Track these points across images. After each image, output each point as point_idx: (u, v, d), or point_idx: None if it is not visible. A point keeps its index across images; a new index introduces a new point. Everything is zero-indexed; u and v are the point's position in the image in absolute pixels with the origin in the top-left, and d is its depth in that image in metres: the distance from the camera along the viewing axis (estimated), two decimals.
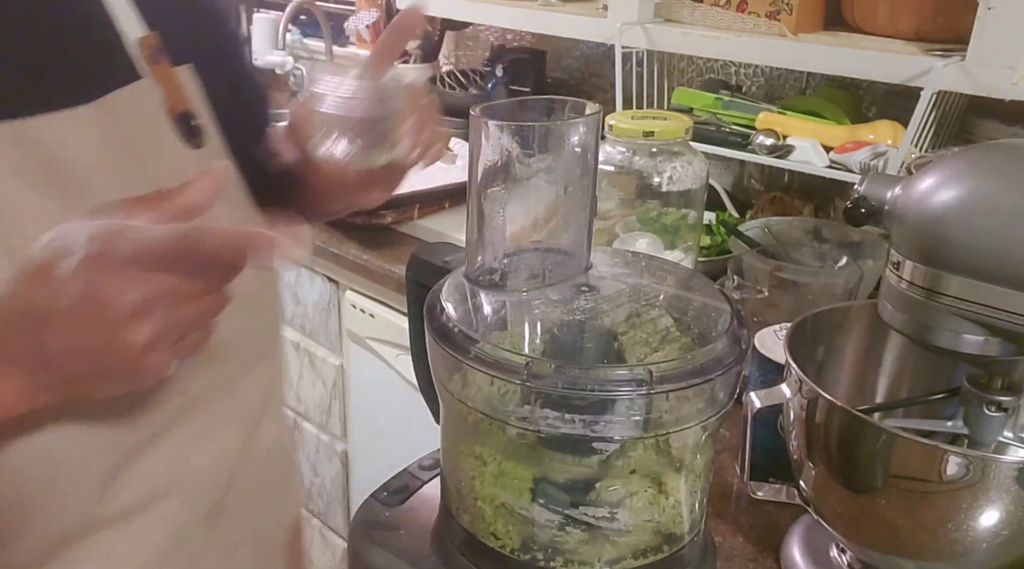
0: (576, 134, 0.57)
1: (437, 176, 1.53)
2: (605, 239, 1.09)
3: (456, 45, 2.06)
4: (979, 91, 1.05)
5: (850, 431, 0.63)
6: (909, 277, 0.59)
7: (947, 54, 1.10)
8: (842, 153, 1.23)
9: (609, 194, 1.10)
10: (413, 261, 0.66)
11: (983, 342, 0.58)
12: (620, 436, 0.54)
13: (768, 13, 1.28)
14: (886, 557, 0.66)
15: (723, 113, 1.39)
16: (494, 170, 0.56)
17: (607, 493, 0.55)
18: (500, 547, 0.58)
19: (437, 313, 0.57)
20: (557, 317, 0.59)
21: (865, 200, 0.62)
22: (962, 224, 0.56)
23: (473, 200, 0.57)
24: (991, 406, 0.64)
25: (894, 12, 1.21)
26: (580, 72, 1.82)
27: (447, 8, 1.62)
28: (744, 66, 1.56)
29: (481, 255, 0.58)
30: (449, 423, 0.61)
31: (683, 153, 1.08)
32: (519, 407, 0.53)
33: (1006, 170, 0.57)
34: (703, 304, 0.63)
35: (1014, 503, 0.58)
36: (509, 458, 0.57)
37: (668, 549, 0.59)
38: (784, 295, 1.02)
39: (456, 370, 0.57)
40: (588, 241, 0.60)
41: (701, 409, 0.55)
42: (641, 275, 0.65)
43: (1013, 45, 1.01)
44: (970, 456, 0.58)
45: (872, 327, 0.76)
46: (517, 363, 0.52)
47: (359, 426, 1.59)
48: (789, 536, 0.77)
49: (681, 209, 1.09)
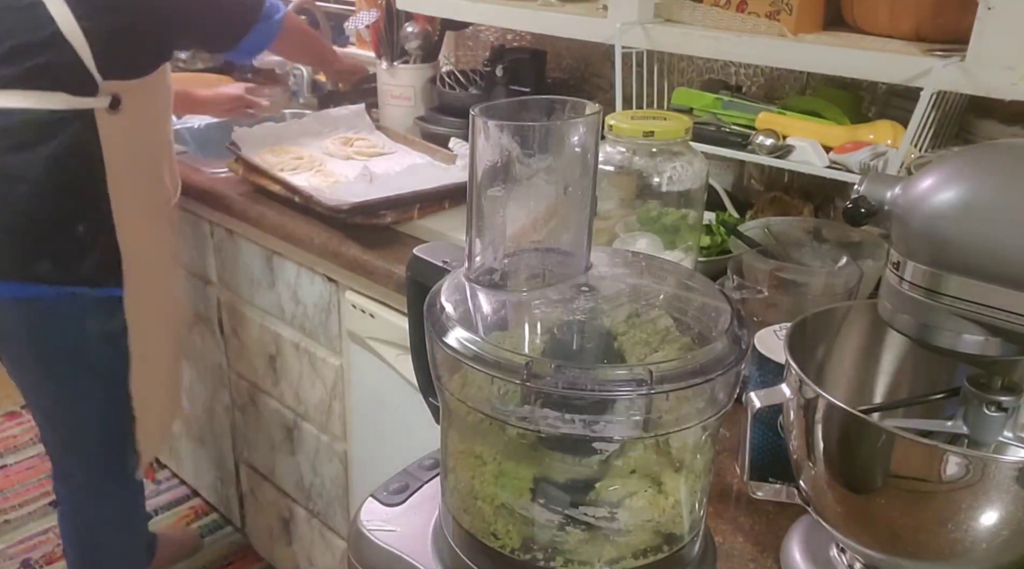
0: (576, 134, 0.57)
1: (437, 176, 1.54)
2: (605, 239, 1.09)
3: (456, 45, 2.06)
4: (979, 91, 1.05)
5: (850, 431, 0.63)
6: (909, 277, 0.59)
7: (947, 54, 1.10)
8: (842, 153, 1.23)
9: (609, 194, 1.10)
10: (413, 261, 0.66)
11: (983, 342, 0.58)
12: (620, 436, 0.54)
13: (768, 13, 1.27)
14: (886, 557, 0.66)
15: (723, 113, 1.39)
16: (494, 170, 0.56)
17: (607, 493, 0.55)
18: (500, 547, 0.58)
19: (437, 313, 0.57)
20: (557, 317, 0.59)
21: (865, 200, 0.62)
22: (962, 224, 0.56)
23: (473, 200, 0.57)
24: (991, 406, 0.64)
25: (894, 12, 1.21)
26: (580, 72, 1.82)
27: (447, 8, 1.62)
28: (744, 66, 1.56)
29: (481, 255, 0.58)
30: (449, 423, 0.61)
31: (683, 153, 1.08)
32: (519, 407, 0.53)
33: (1006, 170, 0.57)
34: (703, 304, 0.63)
35: (1014, 503, 0.58)
36: (509, 458, 0.56)
37: (668, 549, 0.58)
38: (784, 295, 1.02)
39: (456, 370, 0.57)
40: (588, 241, 0.60)
41: (701, 409, 0.55)
42: (641, 275, 0.65)
43: (1013, 45, 1.01)
44: (970, 456, 0.58)
45: (872, 327, 0.76)
46: (517, 363, 0.52)
47: (359, 426, 1.59)
48: (789, 536, 0.77)
49: (681, 209, 1.09)
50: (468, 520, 0.59)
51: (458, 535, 0.61)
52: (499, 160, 0.56)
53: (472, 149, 0.56)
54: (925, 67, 1.09)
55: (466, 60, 2.06)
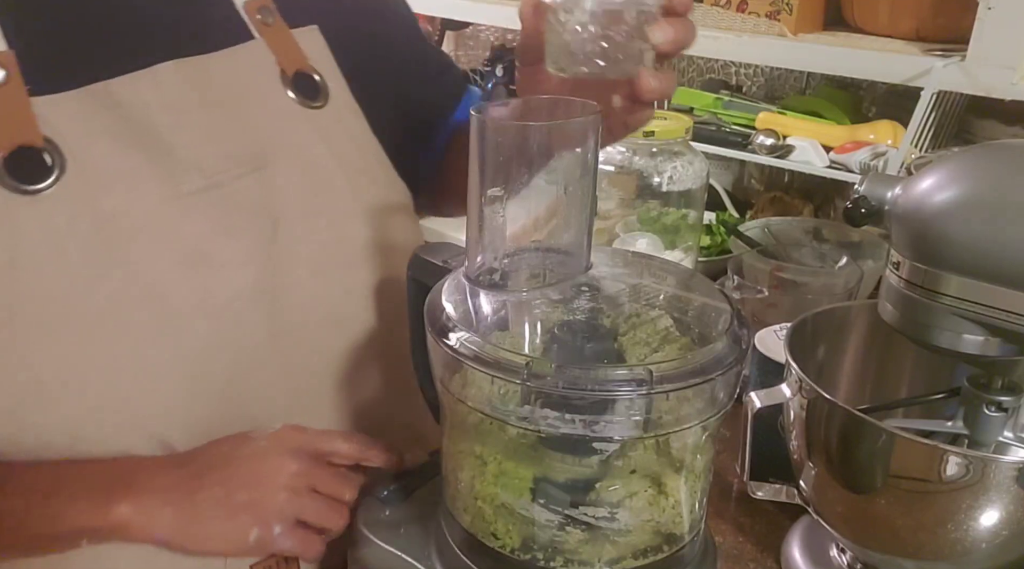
0: (576, 134, 0.57)
1: None
2: (605, 239, 1.09)
3: (456, 45, 2.06)
4: (979, 91, 1.05)
5: (850, 431, 0.63)
6: (909, 277, 0.59)
7: (947, 54, 1.10)
8: (842, 153, 1.23)
9: (609, 194, 1.10)
10: (413, 261, 0.66)
11: (983, 342, 0.58)
12: (620, 436, 0.54)
13: (768, 13, 1.28)
14: (886, 557, 0.66)
15: (723, 113, 1.39)
16: (494, 170, 0.56)
17: (607, 493, 0.55)
18: (500, 547, 0.58)
19: (437, 313, 0.57)
20: (557, 317, 0.59)
21: (865, 200, 0.62)
22: (962, 224, 0.56)
23: (473, 200, 0.57)
24: (991, 406, 0.64)
25: (894, 12, 1.21)
26: None
27: (447, 8, 1.62)
28: (744, 66, 1.56)
29: (481, 255, 0.58)
30: (449, 423, 0.61)
31: (683, 153, 1.08)
32: (519, 407, 0.53)
33: (1006, 170, 0.57)
34: (703, 304, 0.63)
35: (1014, 503, 0.58)
36: (509, 458, 0.57)
37: (668, 549, 0.58)
38: (784, 295, 1.02)
39: (456, 370, 0.57)
40: (588, 241, 0.60)
41: (701, 409, 0.55)
42: (641, 275, 0.65)
43: (1013, 45, 1.01)
44: (970, 456, 0.58)
45: (872, 327, 0.76)
46: (517, 363, 0.52)
47: None
48: (789, 536, 0.77)
49: (681, 209, 1.10)
50: (468, 520, 0.59)
51: (458, 535, 0.61)
52: (499, 159, 0.56)
53: (472, 149, 0.56)
54: (925, 67, 1.09)
55: (466, 60, 2.06)
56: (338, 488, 0.65)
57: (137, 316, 0.63)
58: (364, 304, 0.73)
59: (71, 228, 0.61)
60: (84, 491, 0.61)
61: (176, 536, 0.61)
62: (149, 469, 0.63)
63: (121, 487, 0.61)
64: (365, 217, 0.73)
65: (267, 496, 0.62)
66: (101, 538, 0.62)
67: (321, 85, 0.73)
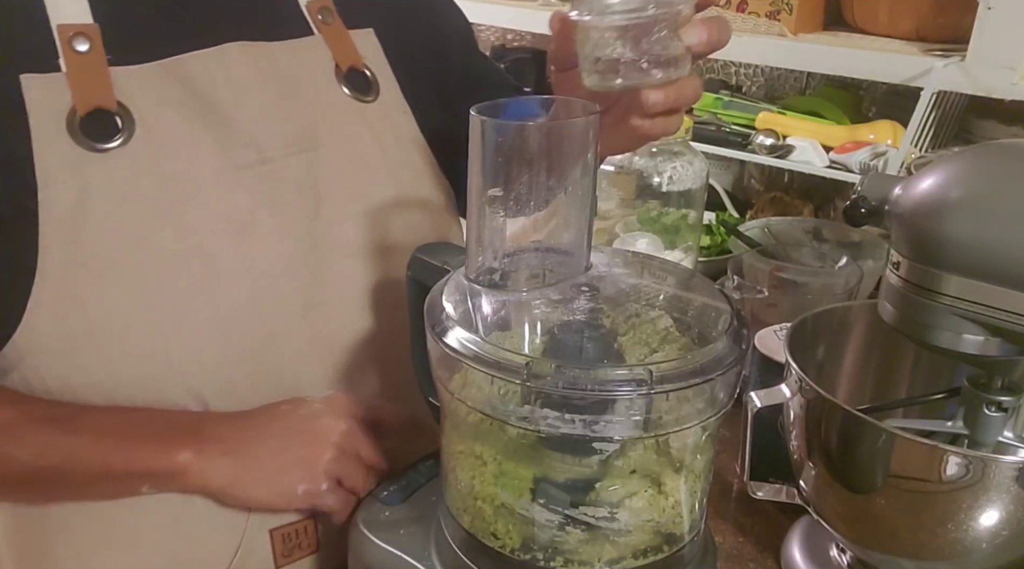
0: (576, 134, 0.57)
1: None
2: (605, 239, 1.09)
3: None
4: (979, 91, 1.06)
5: (850, 431, 0.63)
6: (909, 277, 0.59)
7: (947, 54, 1.10)
8: (842, 153, 1.23)
9: (609, 194, 1.10)
10: (413, 261, 0.66)
11: (983, 342, 0.58)
12: (620, 436, 0.54)
13: (768, 13, 1.28)
14: (886, 557, 0.66)
15: (723, 113, 1.39)
16: (494, 169, 0.56)
17: (607, 493, 0.55)
18: (500, 547, 0.58)
19: (437, 313, 0.57)
20: (557, 317, 0.59)
21: (865, 200, 0.62)
22: (962, 224, 0.56)
23: (473, 200, 0.57)
24: (991, 406, 0.64)
25: (894, 12, 1.22)
26: None
27: None
28: (744, 66, 1.56)
29: (481, 255, 0.58)
30: (449, 423, 0.61)
31: (683, 153, 1.08)
32: (519, 407, 0.53)
33: (1006, 170, 0.57)
34: (703, 304, 0.63)
35: (1014, 503, 0.58)
36: (509, 458, 0.56)
37: (668, 549, 0.58)
38: (784, 295, 1.02)
39: (456, 370, 0.57)
40: (588, 241, 0.60)
41: (701, 409, 0.55)
42: (641, 275, 0.65)
43: (1013, 45, 1.01)
44: (970, 456, 0.58)
45: (872, 327, 0.76)
46: (517, 363, 0.52)
47: None
48: (789, 536, 0.77)
49: (681, 209, 1.10)
50: (468, 520, 0.59)
51: (458, 535, 0.61)
52: (499, 159, 0.56)
53: (472, 149, 0.56)
54: (925, 67, 1.09)
55: None
56: (378, 457, 0.70)
57: (183, 272, 0.67)
58: (393, 291, 0.76)
59: (133, 185, 0.66)
60: (154, 435, 0.65)
61: (229, 486, 0.66)
62: (214, 421, 0.68)
63: (187, 434, 0.66)
64: (403, 209, 0.78)
65: (319, 453, 0.67)
66: (161, 484, 0.66)
67: (373, 82, 0.78)
